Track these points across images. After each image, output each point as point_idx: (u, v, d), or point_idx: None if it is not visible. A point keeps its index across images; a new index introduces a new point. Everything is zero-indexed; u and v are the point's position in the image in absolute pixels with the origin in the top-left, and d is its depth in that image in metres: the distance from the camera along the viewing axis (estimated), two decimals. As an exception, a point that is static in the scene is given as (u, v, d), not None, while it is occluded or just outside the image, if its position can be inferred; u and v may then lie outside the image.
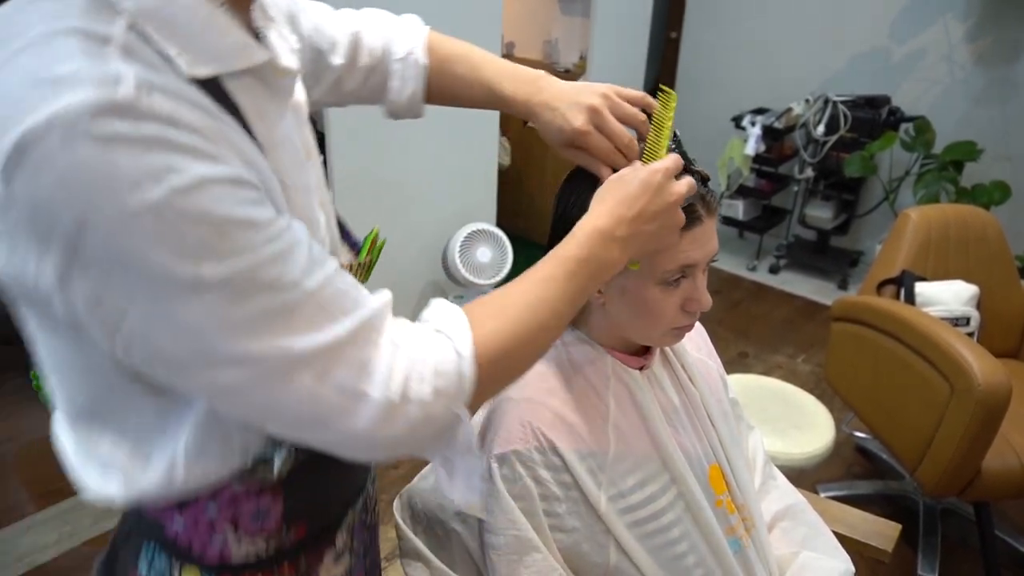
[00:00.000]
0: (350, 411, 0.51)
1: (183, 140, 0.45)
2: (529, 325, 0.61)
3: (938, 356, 1.63)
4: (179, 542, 0.67)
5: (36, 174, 0.41)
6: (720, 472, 0.93)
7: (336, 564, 0.76)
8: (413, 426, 0.53)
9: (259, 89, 0.57)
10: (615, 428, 0.86)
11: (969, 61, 3.29)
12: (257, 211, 0.48)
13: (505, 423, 0.83)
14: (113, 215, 0.42)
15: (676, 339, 0.87)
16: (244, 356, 0.48)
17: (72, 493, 2.03)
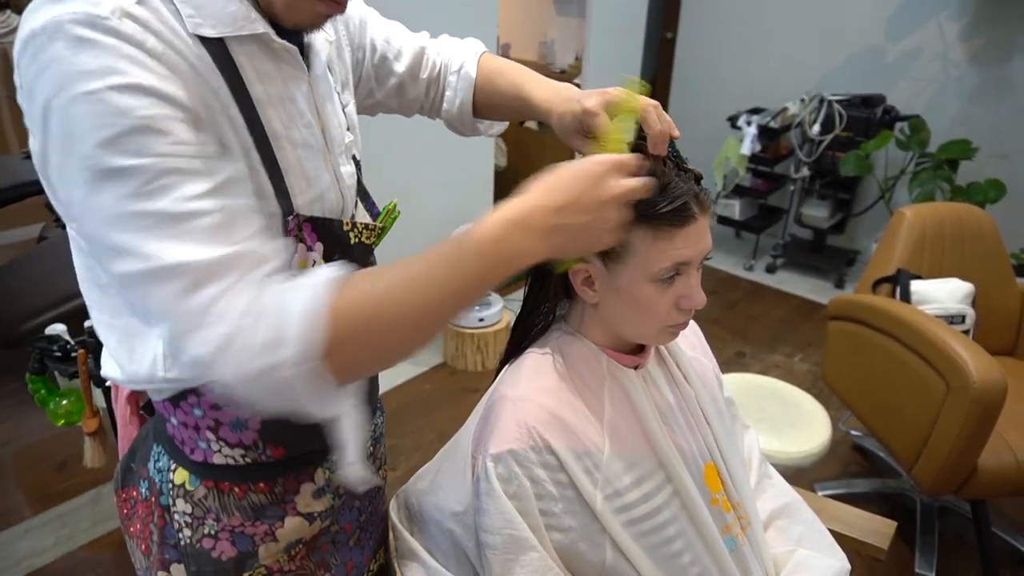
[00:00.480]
0: (196, 335, 0.54)
1: (135, 55, 0.55)
2: (403, 299, 0.58)
3: (934, 354, 1.63)
4: (175, 440, 0.76)
5: (30, 62, 0.55)
6: (716, 471, 0.93)
7: (316, 500, 0.80)
8: (253, 367, 0.53)
9: (262, 54, 0.67)
10: (610, 427, 0.86)
11: (963, 60, 3.30)
12: (179, 128, 0.56)
13: (501, 422, 0.83)
14: (64, 98, 0.54)
15: (671, 337, 0.87)
16: (128, 248, 0.54)
17: (69, 496, 2.04)
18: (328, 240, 0.73)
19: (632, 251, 0.79)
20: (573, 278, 0.86)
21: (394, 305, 0.58)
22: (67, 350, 1.34)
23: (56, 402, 1.40)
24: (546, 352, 0.90)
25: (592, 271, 0.84)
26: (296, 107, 0.70)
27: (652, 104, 0.77)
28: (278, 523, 0.79)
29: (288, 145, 0.68)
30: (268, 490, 0.77)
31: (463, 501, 0.86)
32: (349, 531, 0.89)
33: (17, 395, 2.51)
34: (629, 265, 0.80)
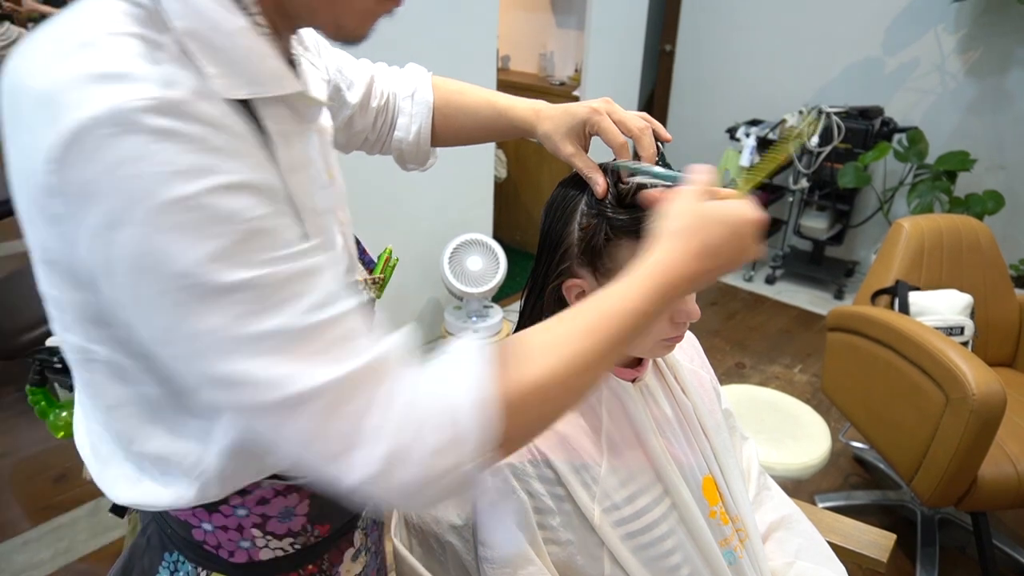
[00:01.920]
0: (349, 459, 0.48)
1: (224, 145, 0.47)
2: (564, 378, 0.54)
3: (932, 366, 1.63)
4: (206, 545, 0.68)
5: (88, 161, 0.43)
6: (714, 483, 0.93)
7: (355, 562, 0.78)
8: (418, 481, 0.48)
9: (286, 114, 0.59)
10: (608, 440, 0.86)
11: (961, 71, 3.32)
12: (285, 226, 0.49)
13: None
14: (149, 205, 0.44)
15: (666, 350, 0.87)
16: (247, 378, 0.46)
17: (67, 508, 2.04)
18: None
19: (624, 266, 0.79)
20: (567, 293, 0.86)
21: (561, 396, 0.55)
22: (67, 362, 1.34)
23: (56, 414, 1.40)
24: None
25: (586, 286, 0.84)
26: (314, 169, 0.63)
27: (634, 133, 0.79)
28: None
29: (311, 216, 0.61)
30: (316, 569, 0.74)
31: (462, 514, 0.86)
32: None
33: (16, 407, 2.51)
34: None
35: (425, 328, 3.06)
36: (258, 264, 0.46)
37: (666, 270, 0.59)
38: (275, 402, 0.46)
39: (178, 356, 0.48)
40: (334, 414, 0.47)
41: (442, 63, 2.68)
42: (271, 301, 0.46)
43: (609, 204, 0.79)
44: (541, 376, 0.53)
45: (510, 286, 2.87)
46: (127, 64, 0.45)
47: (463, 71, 2.78)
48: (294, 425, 0.47)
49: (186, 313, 0.45)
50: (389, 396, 0.48)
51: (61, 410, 1.41)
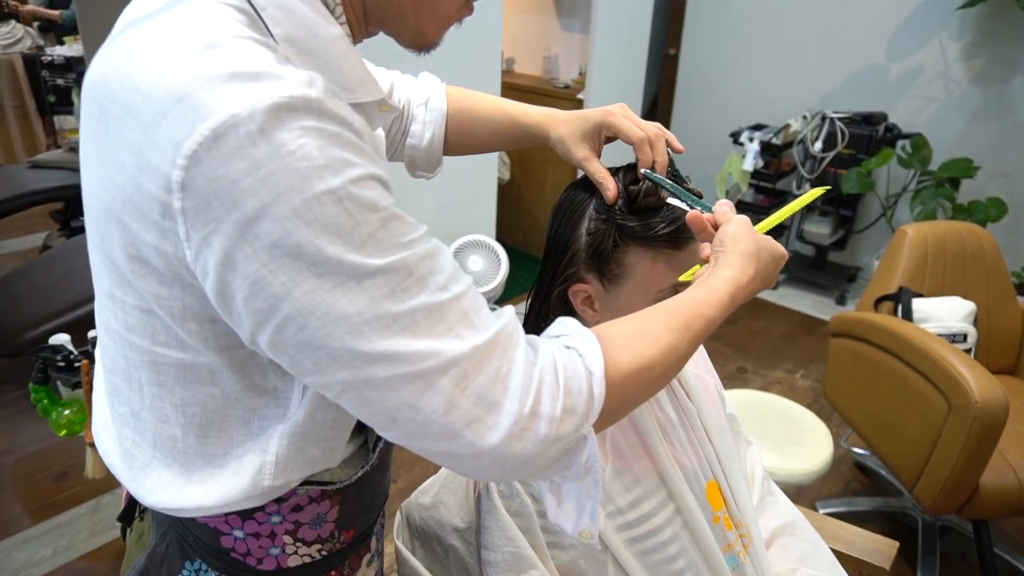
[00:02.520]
0: (484, 422, 0.51)
1: (355, 140, 0.50)
2: (657, 363, 0.59)
3: (935, 373, 1.63)
4: (234, 553, 0.68)
5: (229, 159, 0.44)
6: (718, 488, 0.93)
7: (369, 567, 0.80)
8: (541, 443, 0.52)
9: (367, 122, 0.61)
10: (612, 445, 0.86)
11: (965, 79, 3.32)
12: (404, 212, 0.52)
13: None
14: (297, 200, 0.45)
15: None
16: (395, 353, 0.49)
17: (68, 507, 2.04)
18: None
19: (631, 272, 0.80)
20: (573, 298, 0.86)
21: (651, 379, 0.60)
22: (70, 360, 1.35)
23: (58, 412, 1.41)
24: None
25: (592, 291, 0.84)
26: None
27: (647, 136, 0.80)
28: None
29: None
30: (337, 575, 0.76)
31: (465, 517, 0.86)
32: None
33: (17, 404, 2.51)
34: (628, 286, 0.81)
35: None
36: (398, 248, 0.49)
37: (737, 285, 0.65)
38: (422, 372, 0.49)
39: (320, 336, 0.48)
40: (472, 380, 0.50)
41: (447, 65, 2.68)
42: (411, 280, 0.50)
43: (619, 210, 0.79)
44: (641, 362, 0.58)
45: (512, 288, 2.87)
46: (262, 64, 0.47)
47: (467, 73, 2.78)
48: (437, 394, 0.50)
49: (336, 295, 0.47)
50: (517, 363, 0.53)
51: (63, 408, 1.41)
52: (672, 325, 0.61)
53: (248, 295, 0.48)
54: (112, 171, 0.50)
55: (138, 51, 0.49)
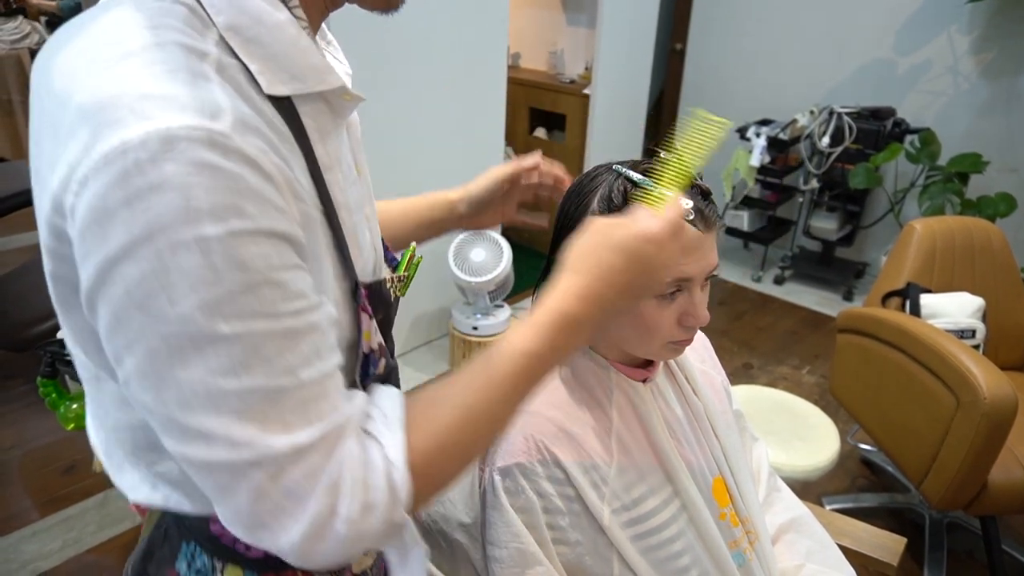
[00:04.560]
0: (292, 515, 0.48)
1: (257, 186, 0.45)
2: (468, 430, 0.55)
3: (944, 369, 1.62)
4: (223, 539, 0.67)
5: (111, 188, 0.42)
6: (724, 484, 0.93)
7: (366, 556, 0.79)
8: (343, 543, 0.50)
9: (324, 110, 0.57)
10: (618, 441, 0.86)
11: (974, 73, 3.29)
12: (295, 279, 0.48)
13: (508, 435, 0.83)
14: (163, 243, 0.42)
15: (675, 353, 0.87)
16: (213, 434, 0.46)
17: (76, 500, 2.05)
18: (377, 301, 0.66)
19: None
20: None
21: (467, 444, 0.56)
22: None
23: (66, 406, 1.41)
24: None
25: None
26: (346, 163, 0.62)
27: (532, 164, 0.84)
28: None
29: (346, 213, 0.60)
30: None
31: (470, 513, 0.86)
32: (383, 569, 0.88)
33: (25, 398, 2.53)
34: None
35: (432, 325, 3.06)
36: (256, 316, 0.45)
37: (559, 308, 0.59)
38: (234, 462, 0.46)
39: (152, 400, 0.46)
40: (288, 474, 0.47)
41: (453, 61, 2.68)
42: (255, 358, 0.45)
43: (618, 205, 0.80)
44: (442, 436, 0.54)
45: (518, 284, 2.87)
46: (171, 85, 0.44)
47: (474, 69, 2.77)
48: (241, 486, 0.47)
49: (173, 359, 0.44)
50: (334, 462, 0.49)
51: (72, 402, 1.42)
52: (473, 382, 0.56)
53: (106, 337, 0.46)
54: (38, 176, 0.48)
55: (71, 53, 0.47)
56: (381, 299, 0.67)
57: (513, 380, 0.57)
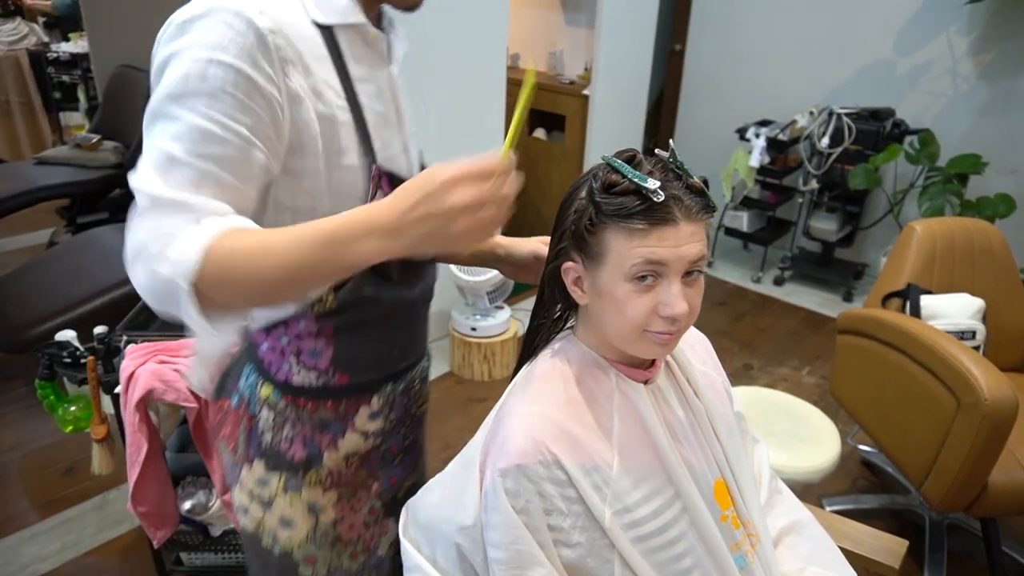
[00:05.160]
0: (129, 237, 0.68)
1: (249, 45, 0.70)
2: (259, 264, 0.68)
3: (944, 370, 1.62)
4: (264, 361, 0.91)
5: (178, 31, 0.71)
6: (725, 487, 0.93)
7: (371, 420, 0.96)
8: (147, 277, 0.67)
9: (359, 40, 0.83)
10: (620, 442, 0.86)
11: (973, 74, 3.30)
12: (235, 107, 0.69)
13: (510, 436, 0.83)
14: (183, 55, 0.69)
15: (659, 348, 0.83)
16: (145, 172, 0.69)
17: (76, 502, 2.05)
18: None
19: (609, 249, 0.80)
20: (565, 276, 0.87)
21: (251, 267, 0.68)
22: (76, 356, 1.35)
23: (65, 408, 1.41)
24: (555, 360, 0.90)
25: (579, 270, 0.84)
26: (378, 86, 0.86)
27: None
28: (340, 436, 0.94)
29: (371, 114, 0.83)
30: (334, 409, 0.93)
31: (472, 515, 0.86)
32: (395, 451, 1.03)
33: (25, 399, 2.52)
34: (608, 262, 0.80)
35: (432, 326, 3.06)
36: (192, 111, 0.68)
37: (369, 208, 0.70)
38: (138, 188, 0.68)
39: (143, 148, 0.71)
40: (147, 213, 0.68)
41: (453, 61, 2.68)
42: (184, 137, 0.68)
43: (597, 190, 0.80)
44: (240, 249, 0.68)
45: (517, 284, 2.86)
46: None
47: (473, 69, 2.77)
48: (135, 206, 0.68)
49: (152, 121, 0.70)
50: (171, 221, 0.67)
51: (70, 404, 1.42)
52: (285, 235, 0.69)
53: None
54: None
55: None
56: None
57: (307, 246, 0.68)
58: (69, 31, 5.18)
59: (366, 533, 1.01)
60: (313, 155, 0.77)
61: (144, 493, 1.28)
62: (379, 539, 1.04)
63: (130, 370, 1.21)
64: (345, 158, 0.80)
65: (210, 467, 1.32)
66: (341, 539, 0.99)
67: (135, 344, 1.27)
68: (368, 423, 0.95)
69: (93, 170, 3.40)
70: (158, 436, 1.28)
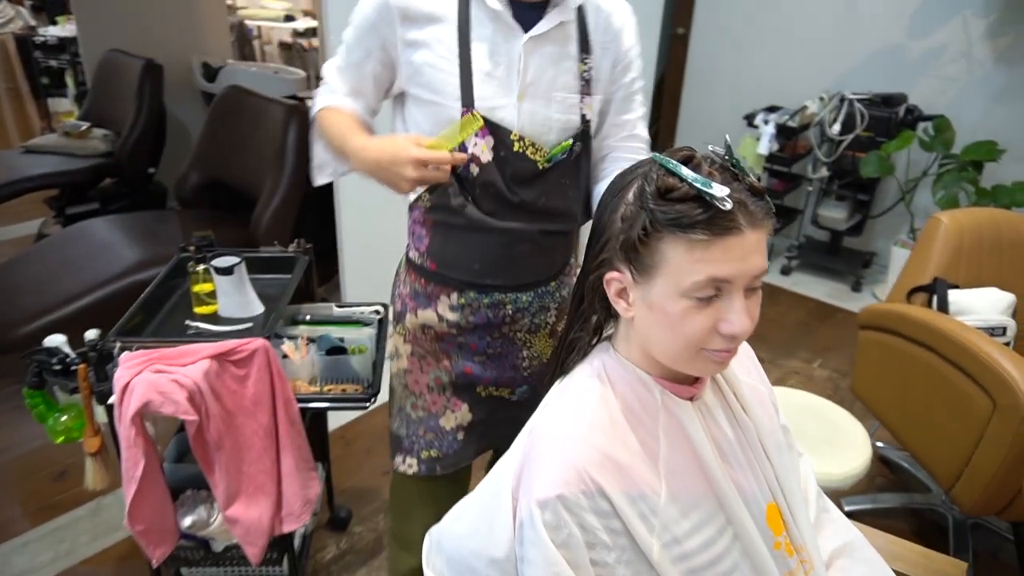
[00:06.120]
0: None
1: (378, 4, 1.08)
2: (322, 131, 1.17)
3: (979, 370, 1.55)
4: (410, 233, 1.22)
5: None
6: (778, 511, 0.85)
7: (450, 311, 1.18)
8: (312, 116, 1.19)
9: (482, 11, 1.05)
10: (667, 467, 0.78)
11: (989, 59, 3.21)
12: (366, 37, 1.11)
13: (547, 464, 0.75)
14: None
15: (714, 366, 0.77)
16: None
17: (68, 508, 1.96)
18: (496, 138, 1.07)
19: (665, 261, 0.71)
20: (607, 287, 0.79)
21: (322, 130, 1.17)
22: (67, 363, 1.26)
23: (55, 418, 1.32)
24: (593, 378, 0.82)
25: (625, 281, 0.76)
26: (493, 48, 1.06)
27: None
28: (421, 307, 1.20)
29: (477, 71, 1.05)
30: (424, 285, 1.19)
31: (504, 547, 0.78)
32: (473, 349, 1.21)
33: (13, 399, 2.42)
34: (662, 275, 0.72)
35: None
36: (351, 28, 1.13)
37: (362, 140, 1.08)
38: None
39: None
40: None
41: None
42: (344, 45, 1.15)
43: (651, 196, 0.72)
44: (322, 120, 1.17)
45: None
46: None
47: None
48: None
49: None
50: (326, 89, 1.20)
51: (61, 414, 1.33)
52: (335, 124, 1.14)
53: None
54: None
55: None
56: (499, 137, 1.07)
57: (336, 140, 1.13)
58: (56, 14, 5.03)
59: (428, 395, 1.24)
60: (420, 86, 1.08)
61: (141, 510, 1.20)
62: (442, 409, 1.24)
63: (125, 380, 1.12)
64: (444, 97, 1.06)
65: (211, 481, 1.24)
66: (408, 387, 1.25)
67: (130, 351, 1.18)
68: (448, 311, 1.18)
69: (82, 159, 3.29)
70: (156, 450, 1.19)
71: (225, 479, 1.23)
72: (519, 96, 1.07)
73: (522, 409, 1.26)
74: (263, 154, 2.55)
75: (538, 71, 1.08)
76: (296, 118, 2.44)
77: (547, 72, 1.08)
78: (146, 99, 3.30)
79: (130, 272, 2.21)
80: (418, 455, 1.25)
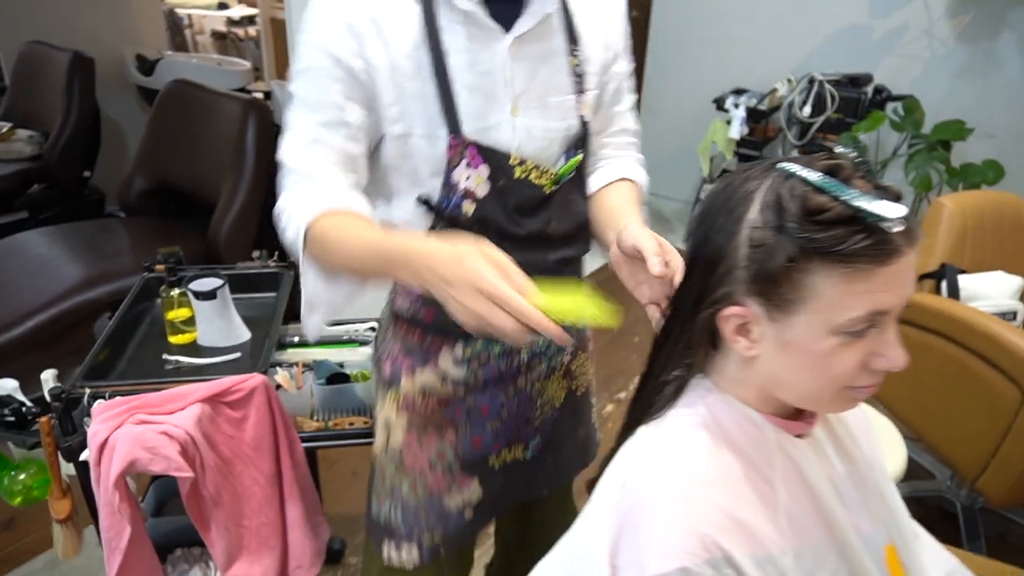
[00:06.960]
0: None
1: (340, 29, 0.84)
2: (333, 250, 0.84)
3: (1004, 359, 1.51)
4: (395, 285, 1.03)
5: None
6: (895, 553, 0.76)
7: (454, 367, 0.99)
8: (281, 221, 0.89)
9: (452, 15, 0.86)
10: (788, 518, 0.67)
11: (951, 36, 3.22)
12: (326, 85, 0.85)
13: (661, 531, 0.63)
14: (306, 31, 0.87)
15: (851, 404, 0.68)
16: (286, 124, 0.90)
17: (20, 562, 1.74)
18: (493, 165, 0.89)
19: (814, 295, 0.60)
20: (723, 324, 0.66)
21: (328, 249, 0.84)
22: (23, 414, 1.07)
23: (11, 477, 1.13)
24: (698, 426, 0.70)
25: (751, 317, 0.64)
26: (473, 56, 0.87)
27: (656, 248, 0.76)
28: (419, 367, 1.00)
29: (460, 86, 0.87)
30: (420, 340, 1.00)
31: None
32: (484, 413, 1.02)
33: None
34: (808, 312, 0.61)
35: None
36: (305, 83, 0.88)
37: (415, 244, 0.74)
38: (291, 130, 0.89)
39: None
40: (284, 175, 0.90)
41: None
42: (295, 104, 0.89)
43: (795, 218, 0.59)
44: (326, 233, 0.84)
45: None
46: None
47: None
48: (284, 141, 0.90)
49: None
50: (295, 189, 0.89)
51: (18, 471, 1.14)
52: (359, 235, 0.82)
53: None
54: None
55: None
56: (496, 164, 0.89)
57: (362, 254, 0.81)
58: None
59: (430, 473, 1.03)
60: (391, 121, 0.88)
61: (127, 582, 1.02)
62: (446, 488, 1.04)
63: (103, 436, 0.94)
64: (420, 127, 0.87)
65: (208, 540, 1.07)
66: (404, 465, 1.03)
67: (104, 400, 1.00)
68: (452, 367, 0.99)
69: (6, 164, 2.98)
70: (141, 513, 1.02)
71: (224, 537, 1.06)
72: (512, 110, 0.89)
73: (536, 465, 1.11)
74: (218, 155, 2.33)
75: (528, 76, 0.90)
76: (255, 113, 2.23)
77: (538, 75, 0.91)
78: (76, 96, 3.01)
79: (75, 292, 1.97)
80: (419, 540, 1.04)
